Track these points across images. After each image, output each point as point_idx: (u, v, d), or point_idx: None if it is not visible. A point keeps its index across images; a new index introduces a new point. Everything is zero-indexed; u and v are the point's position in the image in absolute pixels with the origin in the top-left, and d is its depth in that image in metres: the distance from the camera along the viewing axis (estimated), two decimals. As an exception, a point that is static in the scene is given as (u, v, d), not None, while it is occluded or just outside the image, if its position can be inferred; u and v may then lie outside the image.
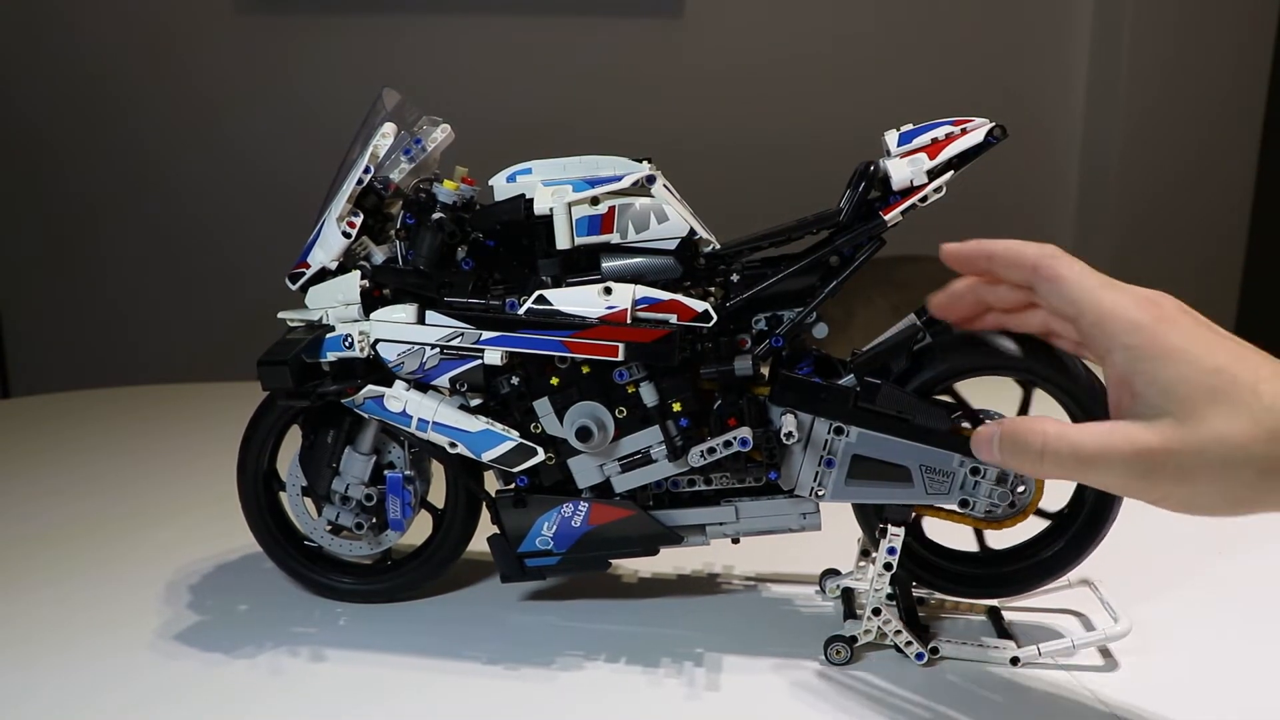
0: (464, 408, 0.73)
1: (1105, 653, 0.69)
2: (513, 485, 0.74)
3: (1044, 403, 0.70)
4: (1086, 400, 0.67)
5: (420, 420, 0.72)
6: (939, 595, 0.75)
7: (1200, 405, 0.49)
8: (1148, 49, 2.42)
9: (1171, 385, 0.50)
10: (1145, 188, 2.48)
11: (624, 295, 0.68)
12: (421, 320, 0.72)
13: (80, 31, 2.37)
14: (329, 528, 0.79)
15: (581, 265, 0.70)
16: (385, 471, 0.77)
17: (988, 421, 0.65)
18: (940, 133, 0.67)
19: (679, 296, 0.68)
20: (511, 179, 0.72)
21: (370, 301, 0.73)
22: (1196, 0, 2.41)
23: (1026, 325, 0.63)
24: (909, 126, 0.68)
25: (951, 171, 0.67)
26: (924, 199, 0.67)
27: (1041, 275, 0.56)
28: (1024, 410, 0.70)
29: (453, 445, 0.73)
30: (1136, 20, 2.42)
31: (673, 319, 0.68)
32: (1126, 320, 0.52)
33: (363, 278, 0.73)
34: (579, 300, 0.69)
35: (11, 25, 2.37)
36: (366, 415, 0.74)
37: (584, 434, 0.70)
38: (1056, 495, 0.72)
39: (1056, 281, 0.55)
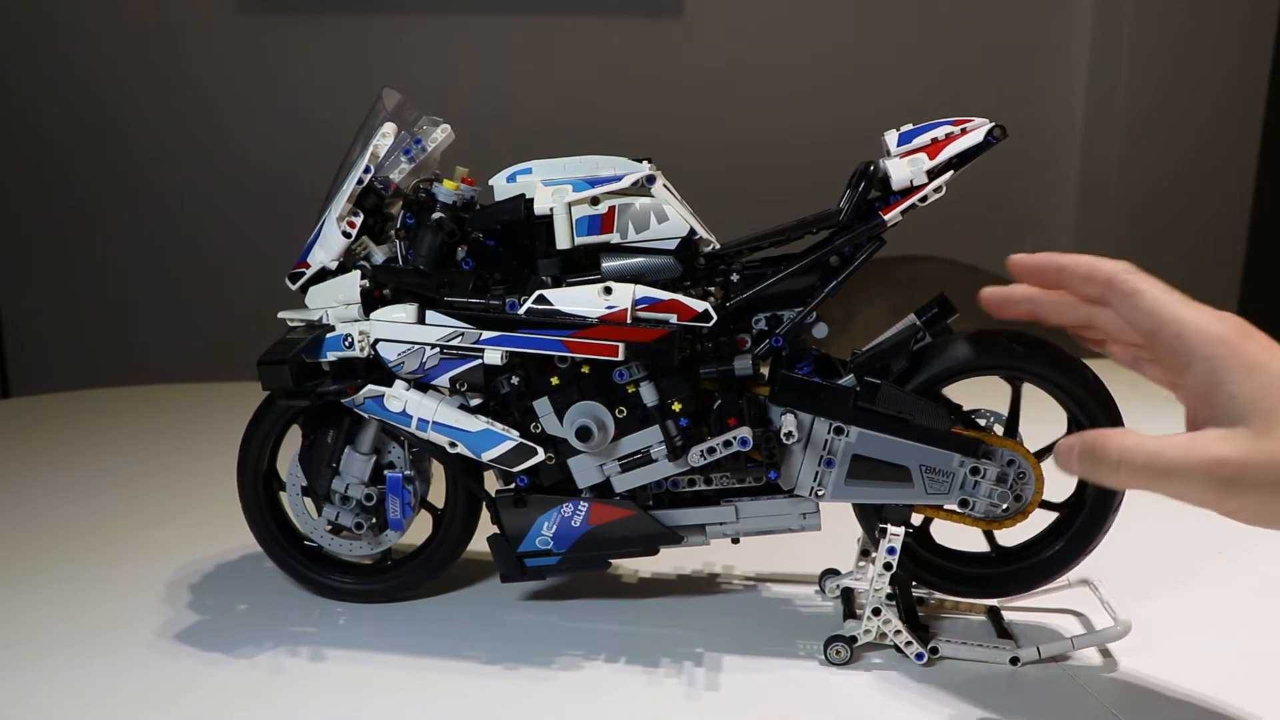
0: (464, 407, 0.73)
1: (1105, 653, 0.69)
2: (513, 485, 0.74)
3: (1045, 403, 0.70)
4: (1087, 400, 0.68)
5: (420, 420, 0.72)
6: (939, 595, 0.75)
7: (1279, 418, 0.50)
8: (1147, 50, 2.42)
9: (1253, 398, 0.51)
10: (1145, 189, 2.48)
11: (624, 295, 0.68)
12: (421, 320, 0.72)
13: (80, 32, 2.37)
14: (329, 527, 0.78)
15: (581, 265, 0.70)
16: (385, 471, 0.77)
17: (1068, 436, 0.64)
18: (940, 133, 0.67)
19: (679, 296, 0.68)
20: (512, 179, 0.72)
21: (370, 301, 0.73)
22: (1196, 2, 2.42)
23: (1091, 340, 0.63)
24: (909, 126, 0.68)
25: (951, 171, 0.67)
26: (924, 199, 0.67)
27: (1118, 289, 0.57)
28: (1015, 409, 0.70)
29: (453, 445, 0.73)
30: (1136, 21, 2.42)
31: (673, 319, 0.68)
32: (1210, 333, 0.53)
33: (363, 277, 0.73)
34: (579, 300, 0.69)
35: (12, 25, 2.37)
36: (366, 415, 0.74)
37: (584, 434, 0.70)
38: (1056, 494, 0.72)
39: (1135, 295, 0.56)
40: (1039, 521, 0.72)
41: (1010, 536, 0.72)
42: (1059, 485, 0.71)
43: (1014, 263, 0.62)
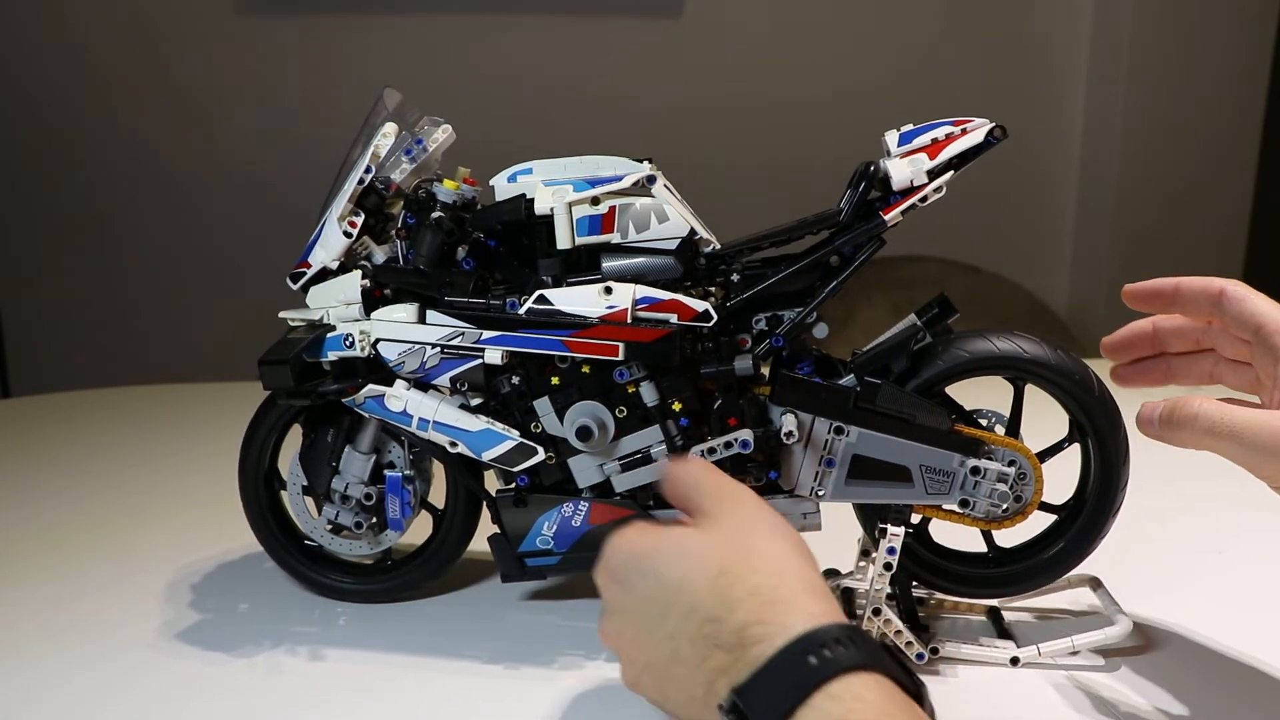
0: (464, 407, 0.73)
1: (1105, 653, 0.69)
2: (513, 485, 0.74)
3: (1045, 403, 0.70)
4: (1087, 400, 0.68)
5: (421, 419, 0.72)
6: (939, 595, 0.75)
7: None
8: (1146, 70, 2.42)
9: None
10: (1143, 210, 2.48)
11: (624, 295, 0.68)
12: (422, 320, 0.72)
13: (80, 32, 2.37)
14: (329, 527, 0.79)
15: (582, 265, 0.70)
16: (385, 471, 0.77)
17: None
18: (940, 133, 0.67)
19: (679, 296, 0.68)
20: (512, 179, 0.72)
21: (371, 301, 0.73)
22: (1195, 22, 2.42)
23: (1196, 370, 0.69)
24: (909, 126, 0.68)
25: (951, 172, 0.67)
26: (924, 199, 0.67)
27: (1229, 296, 0.63)
28: (1016, 409, 0.70)
29: (453, 444, 0.73)
30: (1135, 42, 2.42)
31: (673, 319, 0.68)
32: None
33: (364, 277, 0.73)
34: (579, 300, 0.69)
35: (11, 25, 2.37)
36: (367, 414, 0.74)
37: (584, 433, 0.70)
38: (1056, 495, 0.72)
39: (1243, 300, 0.63)
40: (1039, 522, 0.72)
41: (1011, 536, 0.72)
42: (1059, 488, 0.71)
43: (1129, 292, 0.68)
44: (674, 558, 0.50)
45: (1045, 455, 0.70)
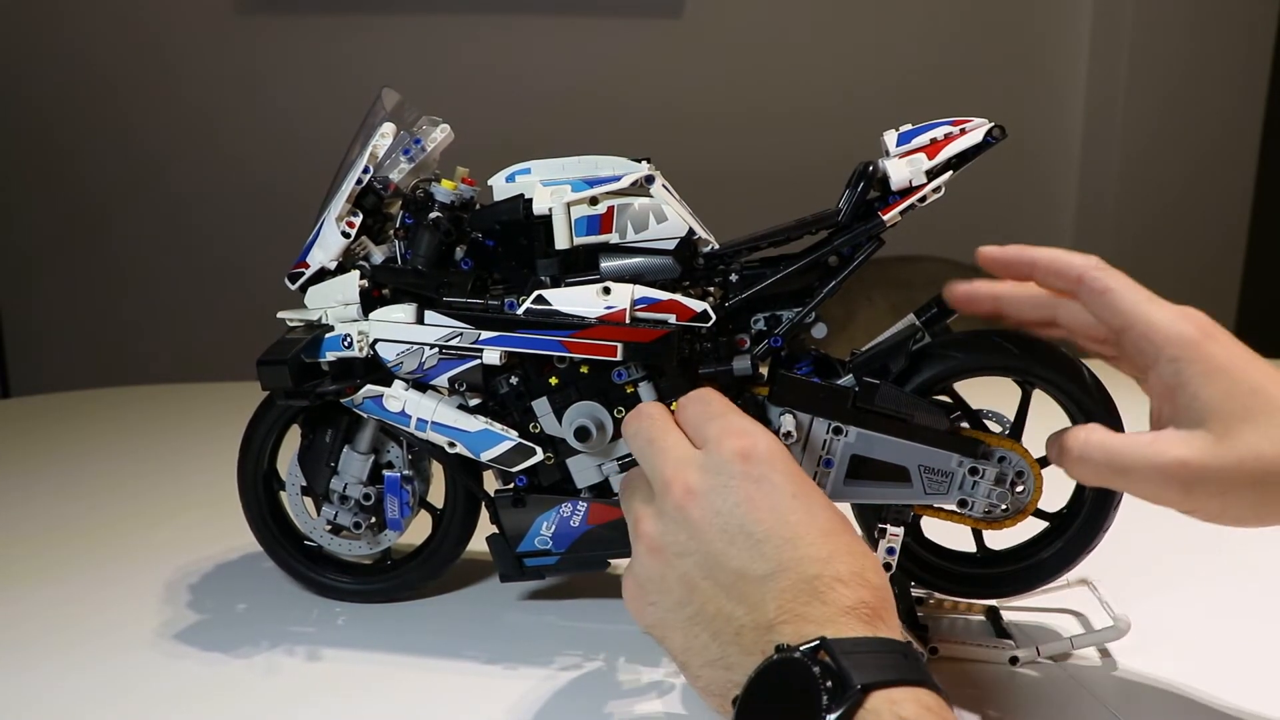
0: (463, 407, 0.73)
1: (1104, 652, 0.69)
2: (511, 485, 0.74)
3: (1044, 404, 0.70)
4: (1086, 401, 0.67)
5: (419, 420, 0.72)
6: (938, 595, 0.75)
7: (1237, 423, 0.51)
8: (1146, 70, 2.42)
9: (1213, 402, 0.52)
10: (1142, 210, 2.48)
11: (623, 295, 0.68)
12: (420, 320, 0.72)
13: (80, 32, 2.37)
14: (328, 527, 0.79)
15: (580, 265, 0.70)
16: (384, 471, 0.77)
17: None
18: (939, 133, 0.67)
19: (678, 296, 0.68)
20: (510, 179, 0.72)
21: (369, 301, 0.73)
22: (1195, 22, 2.42)
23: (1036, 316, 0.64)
24: (908, 126, 0.68)
25: (950, 172, 0.67)
26: (923, 199, 0.67)
27: (1088, 286, 0.57)
28: (1022, 411, 0.70)
29: (451, 445, 0.73)
30: (1135, 42, 2.42)
31: (671, 319, 0.68)
32: (1175, 333, 0.54)
33: (362, 277, 0.73)
34: (577, 300, 0.69)
35: (11, 26, 2.37)
36: (365, 415, 0.74)
37: (582, 434, 0.70)
38: (1056, 497, 0.72)
39: (1105, 293, 0.57)
40: (1039, 523, 0.72)
41: (1011, 537, 0.72)
42: (1057, 491, 0.71)
43: (983, 255, 0.63)
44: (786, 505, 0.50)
45: (1046, 462, 0.70)
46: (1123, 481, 0.55)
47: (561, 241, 0.69)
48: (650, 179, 0.69)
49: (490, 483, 0.76)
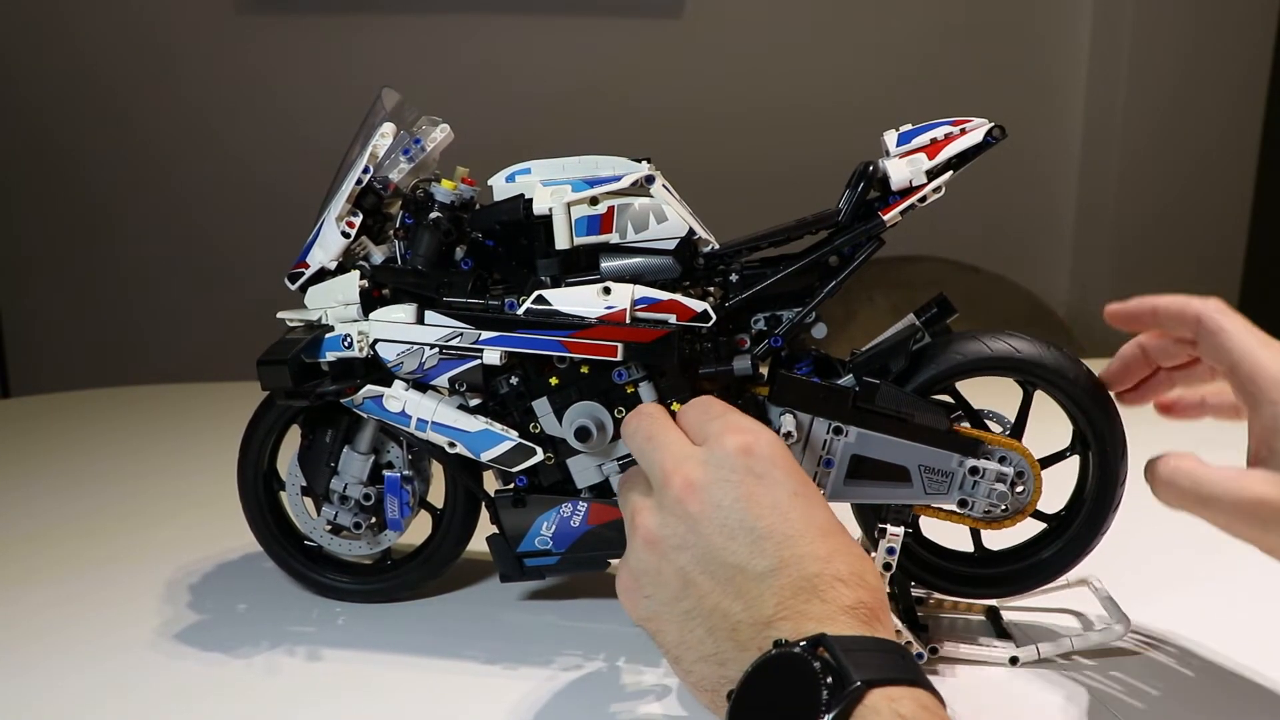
0: (463, 407, 0.73)
1: (1105, 652, 0.69)
2: (512, 485, 0.74)
3: (1044, 404, 0.70)
4: (1085, 401, 0.68)
5: (419, 420, 0.72)
6: (938, 595, 0.75)
7: None
8: (1146, 70, 2.42)
9: None
10: (1143, 210, 2.48)
11: (623, 295, 0.68)
12: (420, 320, 0.72)
13: (80, 32, 2.37)
14: (328, 527, 0.79)
15: (581, 265, 0.70)
16: (384, 471, 0.77)
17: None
18: (939, 133, 0.67)
19: (678, 296, 0.68)
20: (511, 179, 0.72)
21: (369, 301, 0.73)
22: (1195, 22, 2.42)
23: (1196, 376, 0.66)
24: (908, 126, 0.68)
25: (950, 172, 0.67)
26: (923, 199, 0.67)
27: (1205, 326, 0.59)
28: (1023, 411, 0.70)
29: (451, 445, 0.73)
30: (1135, 42, 2.42)
31: (671, 319, 0.68)
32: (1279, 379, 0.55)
33: (362, 277, 0.73)
34: (578, 300, 0.69)
35: (12, 26, 2.37)
36: (365, 415, 0.74)
37: (583, 434, 0.70)
38: (1055, 498, 0.72)
39: (1219, 334, 0.58)
40: (1038, 523, 0.72)
41: (1011, 537, 0.72)
42: (1057, 491, 0.71)
43: (1111, 312, 0.65)
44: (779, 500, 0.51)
45: (1048, 461, 0.70)
46: (1205, 511, 0.56)
47: (562, 241, 0.69)
48: (650, 179, 0.69)
49: (490, 483, 0.76)
